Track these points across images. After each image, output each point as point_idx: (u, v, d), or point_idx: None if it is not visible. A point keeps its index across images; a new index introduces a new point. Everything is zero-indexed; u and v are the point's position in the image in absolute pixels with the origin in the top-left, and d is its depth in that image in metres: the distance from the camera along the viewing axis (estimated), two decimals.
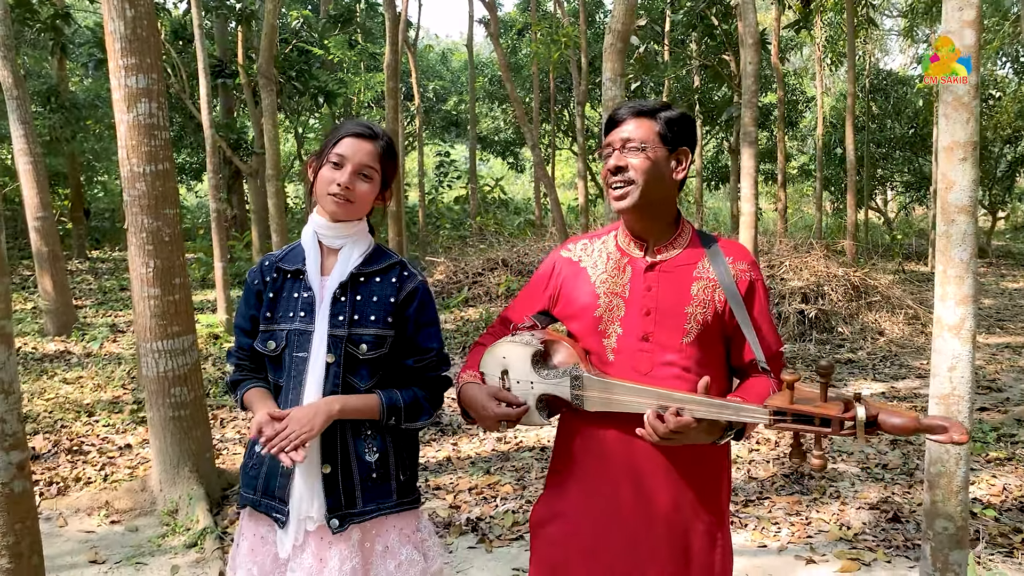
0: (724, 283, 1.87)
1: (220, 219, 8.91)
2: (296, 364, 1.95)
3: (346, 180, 1.93)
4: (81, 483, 4.76)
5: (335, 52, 14.48)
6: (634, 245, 1.94)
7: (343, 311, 1.95)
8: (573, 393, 1.84)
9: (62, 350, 8.12)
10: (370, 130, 2.01)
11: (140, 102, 4.11)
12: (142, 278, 4.23)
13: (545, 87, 18.31)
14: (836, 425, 1.53)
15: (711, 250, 1.92)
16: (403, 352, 2.02)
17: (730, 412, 1.65)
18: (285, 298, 2.00)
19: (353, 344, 1.95)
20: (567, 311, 2.01)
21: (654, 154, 1.86)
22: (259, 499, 1.97)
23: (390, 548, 1.99)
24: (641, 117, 1.89)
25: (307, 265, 1.99)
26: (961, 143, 1.84)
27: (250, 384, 2.04)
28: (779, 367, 1.91)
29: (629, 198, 1.85)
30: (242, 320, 2.07)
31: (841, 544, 4.00)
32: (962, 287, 1.92)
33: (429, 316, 2.05)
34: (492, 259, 11.95)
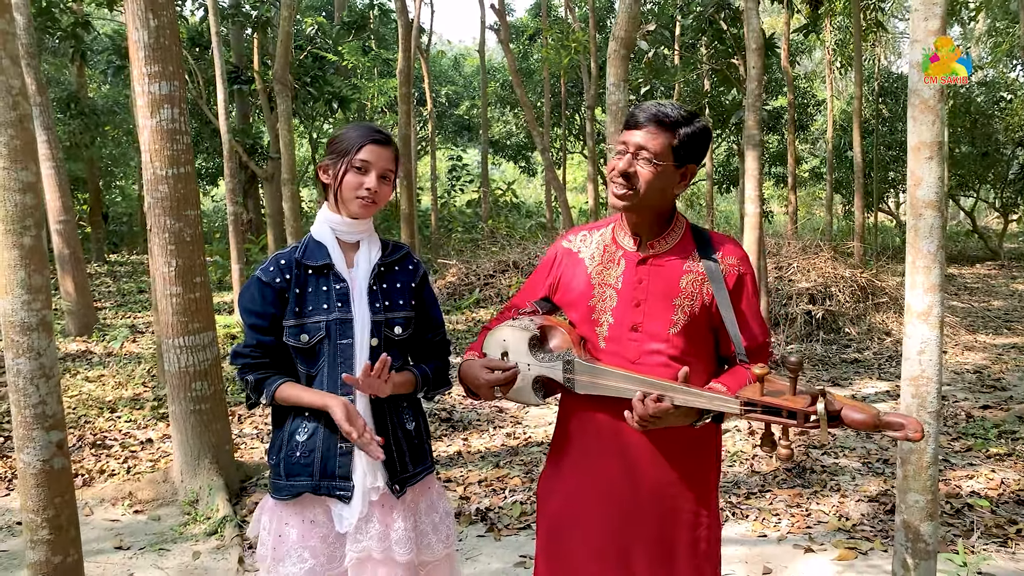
0: (712, 277, 1.98)
1: (237, 222, 9.11)
2: (342, 351, 2.10)
3: (374, 185, 2.10)
4: (105, 475, 4.94)
5: (349, 58, 14.70)
6: (629, 238, 2.06)
7: (378, 299, 2.15)
8: (565, 376, 1.98)
9: (84, 350, 8.33)
10: (385, 136, 2.17)
11: (163, 108, 4.29)
12: (164, 277, 4.40)
13: (556, 91, 18.47)
14: (801, 418, 1.64)
15: (703, 245, 2.03)
16: (423, 329, 2.26)
17: (704, 400, 1.78)
18: (313, 292, 2.13)
19: (390, 328, 2.15)
20: (565, 299, 2.15)
21: (663, 169, 1.93)
22: (319, 483, 2.09)
23: (433, 503, 2.25)
24: (661, 128, 1.93)
25: (333, 259, 2.15)
26: (927, 143, 1.97)
27: (278, 380, 2.12)
28: (765, 358, 2.03)
29: (627, 202, 1.96)
30: (257, 319, 2.13)
31: (840, 534, 4.12)
32: (929, 276, 2.05)
33: (434, 294, 2.33)
34: (503, 261, 12.11)
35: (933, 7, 1.88)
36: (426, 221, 18.83)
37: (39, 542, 2.31)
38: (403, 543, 2.10)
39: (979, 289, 14.14)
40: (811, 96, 21.18)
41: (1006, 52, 17.47)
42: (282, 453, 2.13)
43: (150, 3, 4.22)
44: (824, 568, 3.76)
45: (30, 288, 2.38)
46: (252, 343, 2.16)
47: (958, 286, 14.43)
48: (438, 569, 2.25)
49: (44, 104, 8.61)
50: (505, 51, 9.51)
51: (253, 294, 2.17)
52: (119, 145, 18.02)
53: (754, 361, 1.98)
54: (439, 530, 2.23)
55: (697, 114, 2.01)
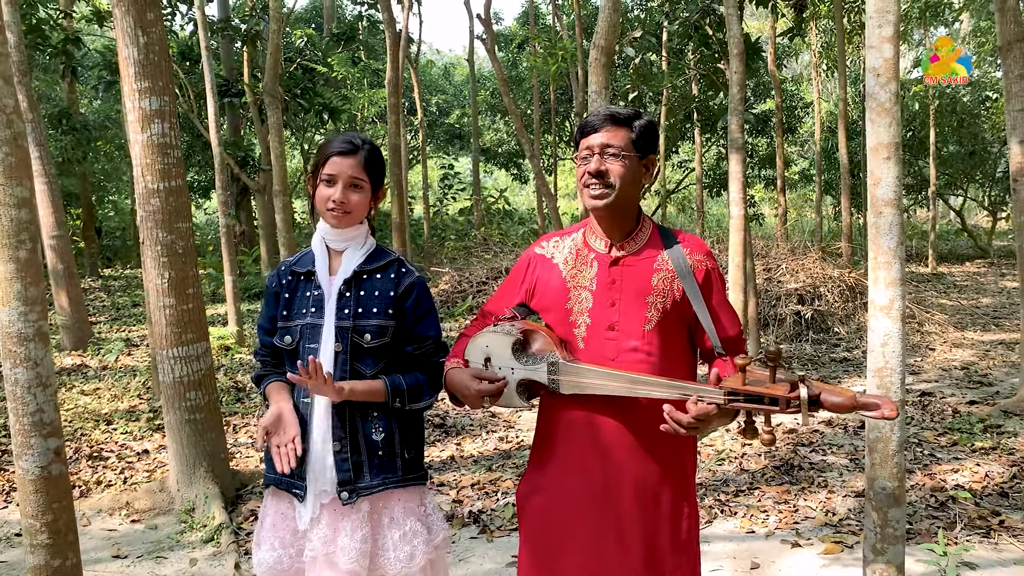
0: (682, 273, 2.06)
1: (229, 234, 9.17)
2: (308, 354, 2.17)
3: (339, 196, 2.17)
4: (102, 486, 5.00)
5: (338, 69, 14.80)
6: (600, 241, 2.13)
7: (348, 305, 2.19)
8: (550, 378, 2.05)
9: (79, 364, 8.38)
10: (351, 144, 2.22)
11: (153, 123, 4.37)
12: (157, 289, 4.47)
13: (546, 99, 18.58)
14: (783, 404, 1.71)
15: (670, 243, 2.11)
16: (404, 341, 2.25)
17: (689, 392, 1.85)
18: (299, 297, 2.25)
19: (358, 334, 2.18)
20: (541, 303, 2.22)
21: (630, 161, 2.04)
22: (280, 477, 2.19)
23: (395, 519, 2.20)
24: (617, 125, 2.05)
25: (316, 266, 2.24)
26: (885, 144, 2.05)
27: (272, 378, 2.29)
28: (740, 348, 2.12)
29: (606, 200, 2.03)
30: (264, 321, 2.32)
31: (826, 529, 4.20)
32: (891, 271, 2.13)
33: (426, 307, 2.28)
34: (496, 268, 12.20)
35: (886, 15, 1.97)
36: (419, 230, 18.91)
37: (38, 547, 2.37)
38: (347, 551, 2.11)
39: (968, 287, 14.27)
40: (799, 99, 21.34)
41: (990, 52, 17.63)
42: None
43: (139, 20, 4.30)
44: (810, 562, 3.83)
45: (26, 300, 2.45)
46: (260, 343, 2.35)
47: (947, 284, 14.56)
48: None
49: (36, 121, 8.66)
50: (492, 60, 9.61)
51: (264, 298, 2.36)
52: (111, 160, 18.07)
53: (729, 352, 2.05)
54: (399, 548, 2.17)
55: (640, 111, 2.13)
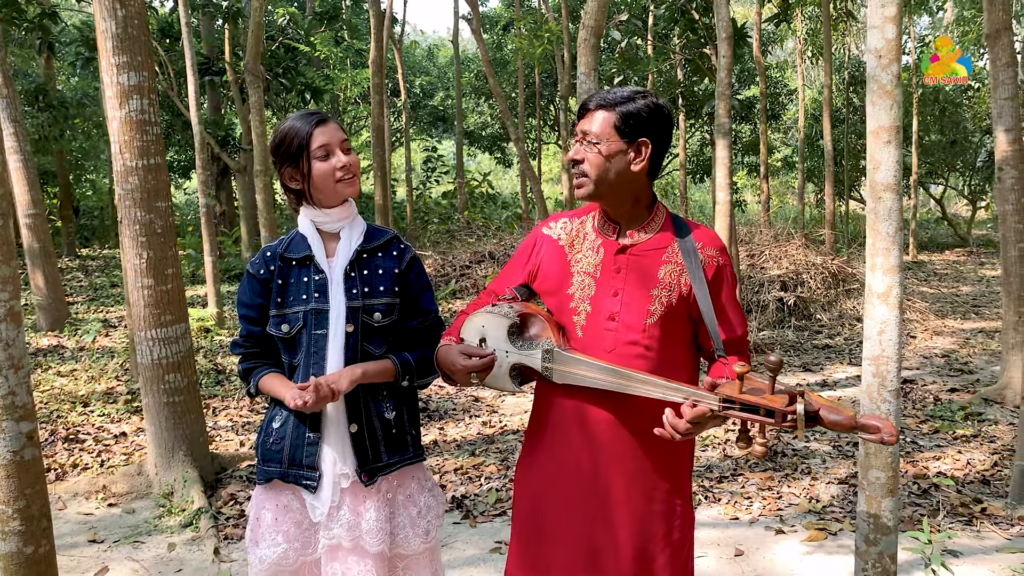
0: (691, 268, 1.98)
1: (209, 214, 9.04)
2: (316, 340, 2.12)
3: (346, 159, 2.12)
4: (78, 469, 4.91)
5: (321, 49, 14.61)
6: (608, 227, 2.06)
7: (355, 285, 2.14)
8: (544, 365, 1.99)
9: (55, 344, 8.25)
10: (319, 114, 2.17)
11: (132, 98, 4.26)
12: (136, 269, 4.38)
13: (530, 82, 18.46)
14: (779, 417, 1.65)
15: (682, 235, 2.03)
16: (408, 316, 2.23)
17: (681, 396, 1.79)
18: (295, 284, 2.17)
19: (368, 314, 2.14)
20: (544, 286, 2.15)
21: (607, 149, 1.94)
22: (286, 470, 2.13)
23: (411, 496, 2.21)
24: (602, 109, 1.96)
25: (313, 251, 2.17)
26: (885, 127, 2.01)
27: (264, 370, 2.21)
28: (743, 350, 2.06)
29: (583, 189, 1.97)
30: (248, 310, 2.22)
31: (810, 516, 4.20)
32: (889, 258, 2.09)
33: (425, 281, 2.28)
34: (479, 252, 12.13)
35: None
36: (401, 213, 18.78)
37: (10, 533, 2.30)
38: (374, 533, 2.10)
39: (948, 275, 14.36)
40: (783, 85, 21.34)
41: (973, 41, 17.69)
42: (261, 438, 2.20)
43: None
44: (794, 549, 3.83)
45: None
46: (244, 333, 2.25)
47: (928, 272, 14.65)
48: (416, 563, 2.22)
49: (11, 97, 8.48)
50: (478, 41, 9.50)
51: (244, 286, 2.25)
52: (89, 138, 17.77)
53: (732, 353, 2.00)
54: (417, 524, 2.20)
55: (648, 92, 2.01)
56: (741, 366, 1.70)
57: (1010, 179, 5.86)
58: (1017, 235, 5.91)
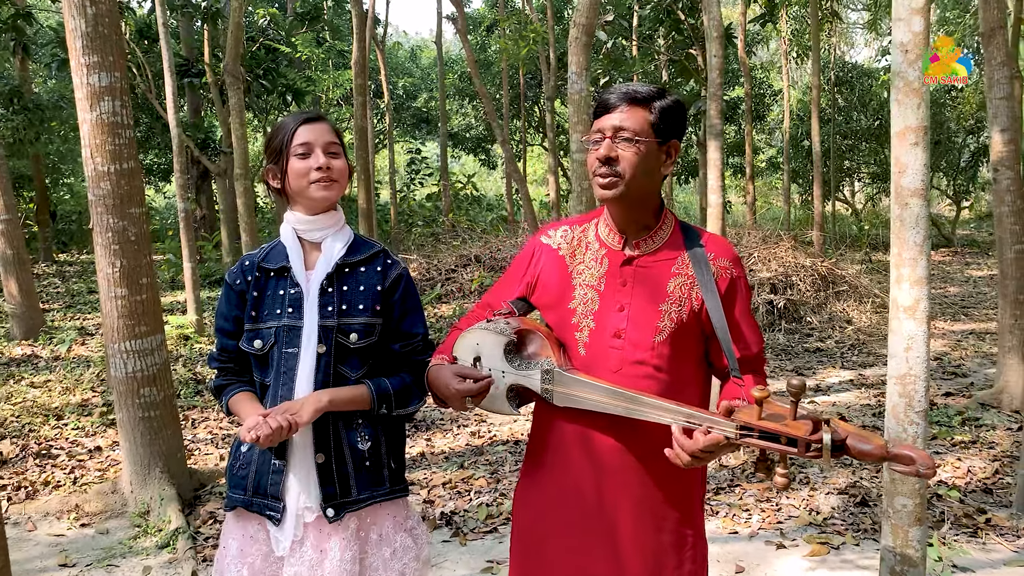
0: (703, 281, 1.84)
1: (188, 219, 8.83)
2: (286, 359, 1.96)
3: (324, 161, 1.96)
4: (50, 487, 4.71)
5: (303, 50, 14.40)
6: (614, 236, 1.91)
7: (331, 302, 1.98)
8: (543, 387, 1.84)
9: (29, 354, 8.02)
10: (316, 113, 2.05)
11: (103, 100, 4.07)
12: (108, 278, 4.19)
13: (515, 83, 18.33)
14: (802, 446, 1.50)
15: (693, 245, 1.88)
16: (390, 338, 2.06)
17: (696, 422, 1.64)
18: (270, 296, 2.01)
19: (343, 334, 1.97)
20: (543, 300, 1.99)
21: (646, 147, 1.80)
22: (250, 499, 1.97)
23: (384, 536, 2.02)
24: (635, 105, 1.81)
25: (291, 261, 2.01)
26: (913, 128, 1.87)
27: (236, 388, 2.05)
28: (759, 369, 1.92)
29: (615, 190, 1.81)
30: (224, 322, 2.07)
31: (811, 529, 4.07)
32: (916, 269, 1.96)
33: (413, 302, 2.10)
34: (465, 256, 11.96)
35: None
36: (385, 215, 18.59)
37: None
38: (338, 574, 1.92)
39: (935, 276, 14.34)
40: (767, 86, 21.32)
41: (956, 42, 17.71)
42: (230, 461, 2.05)
43: None
44: (796, 565, 3.70)
45: None
46: (219, 347, 2.10)
47: None
48: None
49: None
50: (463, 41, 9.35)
51: (221, 296, 2.11)
52: (66, 141, 17.45)
53: (747, 371, 1.85)
54: (390, 567, 2.00)
55: (666, 90, 1.88)
56: (760, 390, 1.56)
57: (1006, 180, 5.76)
58: (1013, 237, 5.81)
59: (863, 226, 20.76)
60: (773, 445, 1.55)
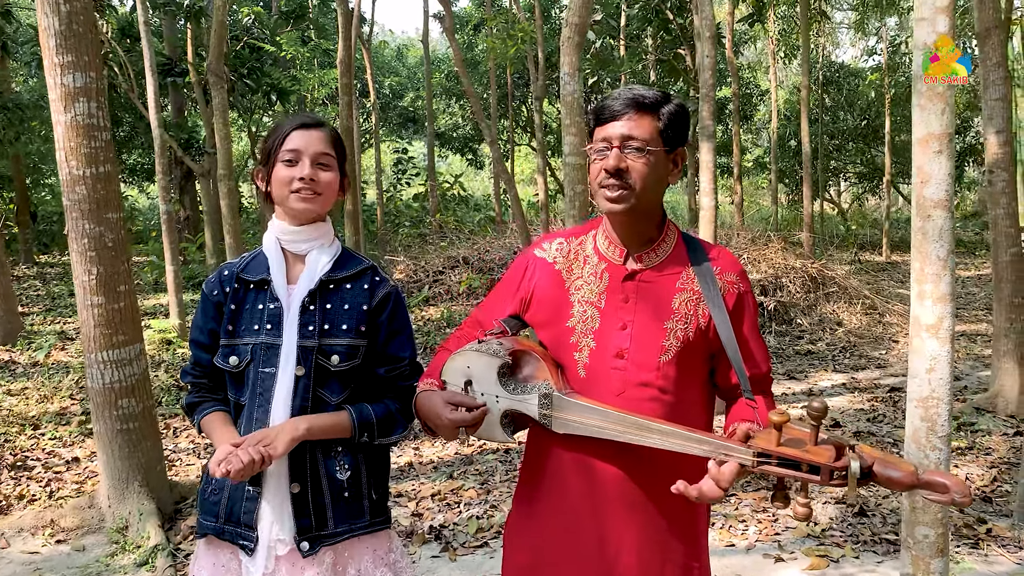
0: (710, 296, 1.73)
1: (171, 221, 8.66)
2: (262, 380, 1.84)
3: (308, 172, 1.85)
4: (24, 501, 4.56)
5: (288, 49, 14.20)
6: (614, 250, 1.80)
7: (313, 320, 1.86)
8: (541, 412, 1.72)
9: (7, 360, 7.83)
10: (313, 119, 1.94)
11: (78, 101, 3.93)
12: (84, 286, 4.05)
13: (502, 83, 18.20)
14: (826, 474, 1.39)
15: (697, 259, 1.78)
16: (374, 361, 1.94)
17: (709, 449, 1.53)
18: (248, 310, 1.90)
19: (324, 355, 1.86)
20: (538, 318, 1.87)
21: (655, 156, 1.70)
22: (222, 527, 1.85)
23: (363, 572, 1.90)
24: (643, 112, 1.70)
25: (272, 274, 1.90)
26: (936, 135, 1.76)
27: (209, 408, 1.93)
28: (767, 389, 1.81)
29: (625, 203, 1.70)
30: (199, 334, 1.95)
31: (809, 541, 3.98)
32: (940, 285, 1.85)
33: (401, 323, 1.98)
34: (453, 257, 11.81)
35: None
36: (372, 216, 18.43)
37: None
38: None
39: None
40: (754, 86, 21.29)
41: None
42: (201, 485, 1.94)
43: None
44: None
45: None
46: (193, 361, 1.98)
47: (903, 274, 14.60)
48: None
49: None
50: (450, 40, 9.23)
51: (198, 307, 1.99)
52: (47, 141, 17.16)
53: (757, 392, 1.74)
54: None
55: (670, 93, 1.79)
56: (779, 414, 1.45)
57: (1001, 182, 5.70)
58: (1008, 239, 5.75)
59: (850, 226, 20.78)
60: (794, 473, 1.44)
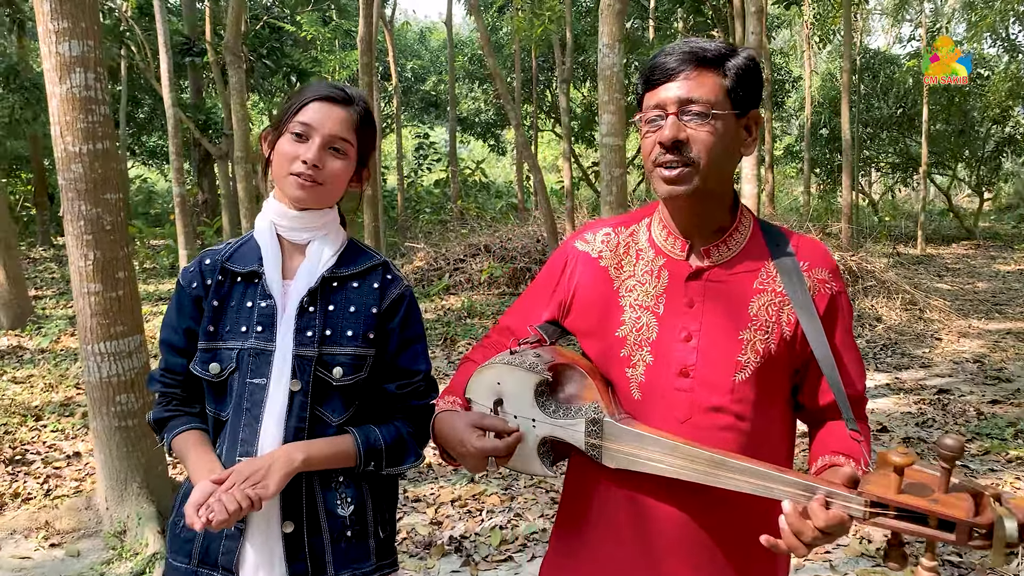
0: (797, 299, 1.40)
1: (184, 204, 8.41)
2: (251, 393, 1.53)
3: (313, 156, 1.51)
4: (20, 499, 4.29)
5: (308, 29, 13.89)
6: (675, 242, 1.47)
7: (312, 325, 1.55)
8: (588, 442, 1.39)
9: (15, 345, 7.60)
10: (343, 92, 1.59)
11: (74, 72, 3.61)
12: (81, 272, 3.75)
13: (526, 67, 17.79)
14: (963, 533, 1.07)
15: (780, 251, 1.44)
16: (384, 375, 1.62)
17: (803, 492, 1.21)
18: (235, 308, 1.57)
19: (325, 367, 1.54)
20: (581, 324, 1.54)
21: (723, 122, 1.36)
22: (195, 569, 1.53)
23: None
24: (704, 68, 1.35)
25: (265, 266, 1.57)
26: None
27: (181, 425, 1.60)
28: (862, 414, 1.48)
29: (686, 184, 1.36)
30: (172, 334, 1.62)
31: (863, 561, 3.63)
32: None
33: (416, 330, 1.66)
34: (474, 245, 11.49)
35: None
36: (392, 202, 18.13)
37: None
38: None
39: (960, 270, 13.82)
40: (786, 72, 20.73)
41: (989, 27, 17.10)
42: (172, 518, 1.60)
43: None
44: None
45: None
46: (163, 366, 1.64)
47: (939, 267, 14.11)
48: None
49: None
50: (476, 18, 8.88)
51: (171, 302, 1.65)
52: None
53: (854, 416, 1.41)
54: None
55: (735, 45, 1.43)
56: (903, 455, 1.13)
57: None
58: None
59: (883, 217, 20.25)
60: (920, 530, 1.11)
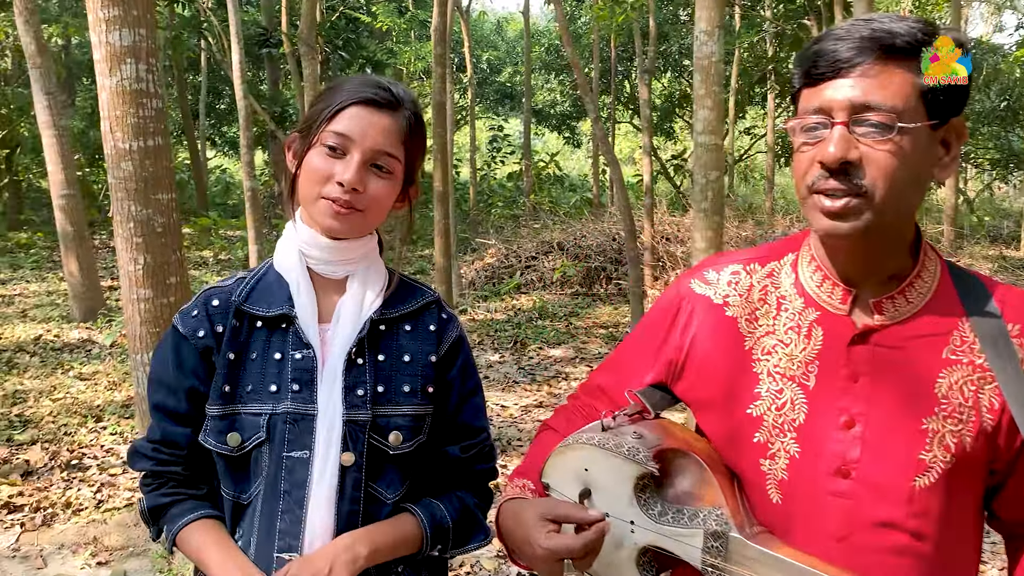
0: (1004, 375, 1.00)
1: (255, 198, 8.25)
2: (289, 470, 1.20)
3: (352, 177, 1.17)
4: (71, 510, 4.11)
5: (384, 20, 13.72)
6: (835, 291, 1.08)
7: (363, 381, 1.22)
8: (707, 560, 1.02)
9: (85, 339, 7.56)
10: (388, 94, 1.22)
11: (125, 63, 3.39)
12: (130, 277, 3.53)
13: (604, 57, 17.30)
14: None
15: (979, 308, 1.04)
16: (443, 437, 1.30)
17: None
18: (257, 361, 1.24)
19: (380, 433, 1.22)
20: (699, 394, 1.17)
21: (912, 139, 0.97)
22: None
23: None
24: (891, 60, 0.97)
25: (297, 308, 1.23)
26: None
27: (188, 514, 1.26)
28: None
29: (854, 220, 0.98)
30: (168, 397, 1.27)
31: None
32: None
33: (476, 379, 1.34)
34: (547, 242, 11.11)
35: None
36: (464, 195, 17.89)
37: None
38: None
39: None
40: None
41: None
42: None
43: None
44: None
45: None
46: (156, 437, 1.28)
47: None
48: None
49: (45, 66, 7.81)
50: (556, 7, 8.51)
51: (164, 353, 1.29)
52: None
53: None
54: None
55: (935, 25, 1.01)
56: None
57: None
58: None
59: (981, 217, 19.12)
60: None
